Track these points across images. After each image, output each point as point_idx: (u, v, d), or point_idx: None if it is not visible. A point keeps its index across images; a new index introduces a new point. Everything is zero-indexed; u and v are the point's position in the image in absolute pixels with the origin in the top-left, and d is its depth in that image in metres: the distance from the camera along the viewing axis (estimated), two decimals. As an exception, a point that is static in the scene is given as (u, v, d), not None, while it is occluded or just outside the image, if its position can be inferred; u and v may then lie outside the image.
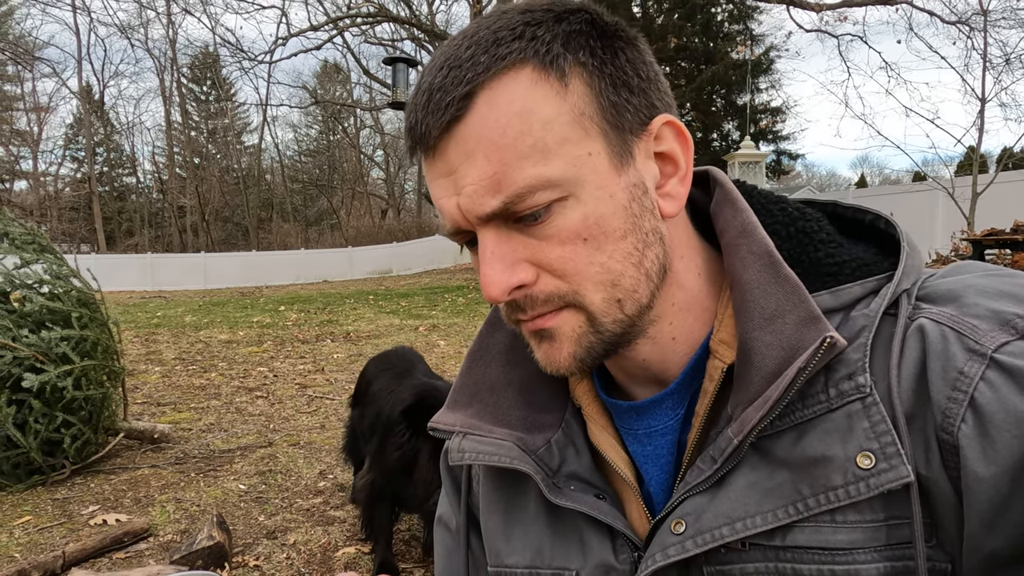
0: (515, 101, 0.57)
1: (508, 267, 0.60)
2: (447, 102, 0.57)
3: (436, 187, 0.62)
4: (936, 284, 0.63)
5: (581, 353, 0.64)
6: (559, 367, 0.65)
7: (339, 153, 51.15)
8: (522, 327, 0.66)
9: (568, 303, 0.62)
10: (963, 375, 0.55)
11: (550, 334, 0.64)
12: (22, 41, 38.78)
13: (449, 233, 0.64)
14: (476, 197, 0.59)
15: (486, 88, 0.57)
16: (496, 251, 0.60)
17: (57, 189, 46.42)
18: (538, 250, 0.60)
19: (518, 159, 0.57)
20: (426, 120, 0.59)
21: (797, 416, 0.60)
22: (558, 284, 0.61)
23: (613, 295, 0.62)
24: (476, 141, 0.57)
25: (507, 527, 0.77)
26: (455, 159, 0.59)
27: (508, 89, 0.57)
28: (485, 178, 0.58)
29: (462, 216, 0.61)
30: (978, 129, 12.66)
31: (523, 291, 0.62)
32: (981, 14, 13.47)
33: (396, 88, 14.81)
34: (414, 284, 21.87)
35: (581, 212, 0.59)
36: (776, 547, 0.60)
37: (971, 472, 0.54)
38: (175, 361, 8.73)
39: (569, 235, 0.59)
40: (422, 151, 0.61)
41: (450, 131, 0.58)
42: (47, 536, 3.50)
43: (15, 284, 4.43)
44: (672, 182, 0.65)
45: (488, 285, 0.60)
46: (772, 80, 25.66)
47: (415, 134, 0.61)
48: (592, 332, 0.63)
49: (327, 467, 4.52)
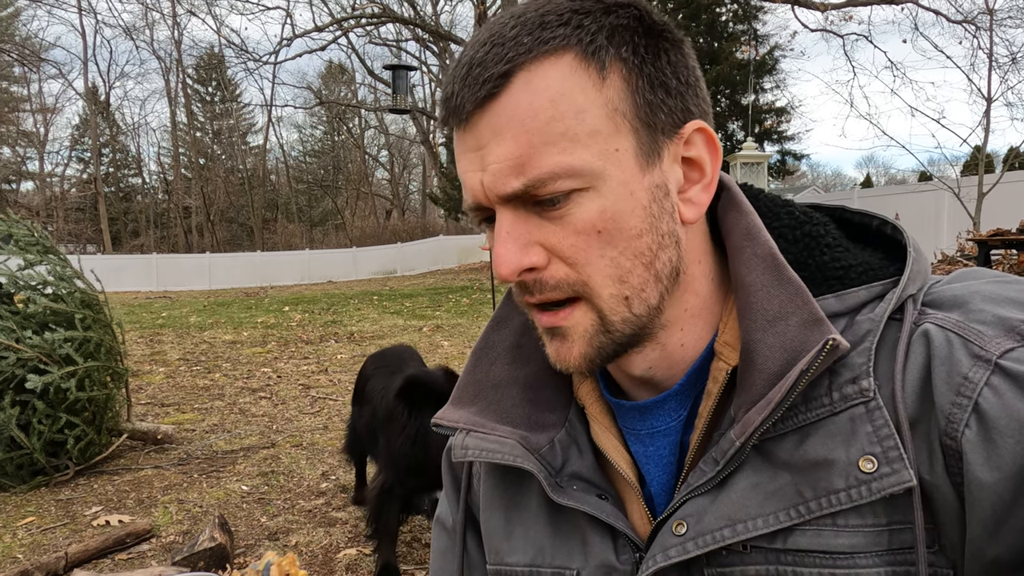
0: (551, 86, 0.58)
1: (521, 248, 0.61)
2: (485, 78, 0.58)
3: (464, 160, 0.63)
4: (942, 290, 0.63)
5: (592, 353, 0.64)
6: (568, 365, 0.65)
7: (344, 154, 51.28)
8: (535, 316, 0.66)
9: (577, 293, 0.62)
10: (968, 380, 0.55)
11: (562, 332, 0.64)
12: (28, 43, 38.99)
13: (469, 208, 0.64)
14: (499, 176, 0.59)
15: (525, 69, 0.58)
16: (511, 231, 0.61)
17: (63, 190, 46.63)
18: (552, 235, 0.61)
19: (545, 144, 0.57)
20: (462, 93, 0.59)
21: (800, 419, 0.60)
22: (568, 272, 0.61)
23: (621, 291, 0.62)
24: (507, 120, 0.58)
25: (508, 526, 0.77)
26: (485, 135, 0.59)
27: (546, 73, 0.58)
28: (510, 158, 0.58)
29: (484, 193, 0.61)
30: (984, 129, 12.63)
31: (533, 274, 0.62)
32: (987, 13, 13.44)
33: (397, 94, 14.84)
34: (418, 284, 21.91)
35: (600, 205, 0.59)
36: (777, 550, 0.60)
37: (974, 478, 0.53)
38: (179, 362, 8.75)
39: (584, 226, 0.60)
40: (455, 123, 0.62)
41: (484, 107, 0.59)
42: (50, 537, 3.51)
43: (19, 285, 4.44)
44: (695, 188, 0.65)
45: (500, 264, 0.61)
46: (777, 80, 25.65)
47: (450, 105, 0.61)
48: (603, 332, 0.63)
49: (329, 468, 4.52)
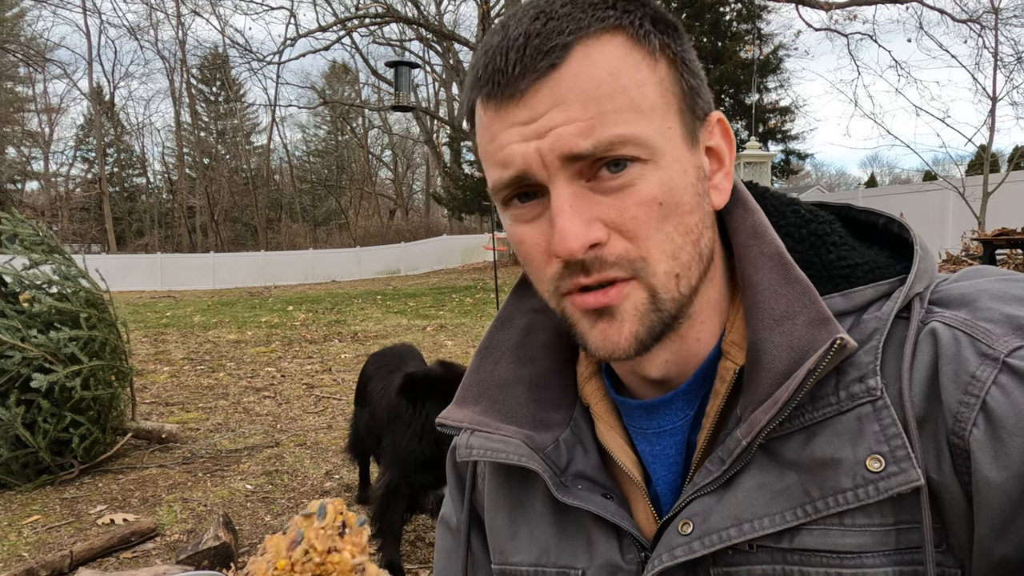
0: (611, 60, 0.58)
1: (586, 222, 0.59)
2: (548, 48, 0.57)
3: (509, 133, 0.60)
4: (949, 288, 0.62)
5: (643, 333, 0.62)
6: (617, 347, 0.63)
7: (347, 153, 51.34)
8: (571, 303, 0.64)
9: (635, 272, 0.61)
10: (975, 379, 0.54)
11: (611, 312, 0.62)
12: (33, 43, 39.09)
13: (507, 182, 0.62)
14: (567, 137, 0.58)
15: (583, 43, 0.58)
16: (575, 205, 0.59)
17: (68, 189, 46.80)
18: (612, 208, 0.59)
19: (614, 111, 0.58)
20: (520, 63, 0.58)
21: (807, 418, 0.60)
22: (628, 247, 0.60)
23: (673, 268, 0.61)
24: (569, 90, 0.58)
25: (513, 525, 0.77)
26: (542, 106, 0.58)
27: (604, 48, 0.59)
28: (578, 121, 0.57)
29: (539, 160, 0.59)
30: (989, 128, 12.61)
31: (595, 251, 0.60)
32: (992, 12, 13.40)
33: (399, 91, 14.84)
34: (422, 284, 21.92)
35: (659, 177, 0.59)
36: (784, 549, 0.59)
37: (982, 477, 0.53)
38: (183, 361, 8.77)
39: (646, 197, 0.59)
40: (502, 96, 0.60)
41: (544, 78, 0.58)
42: (55, 535, 3.52)
43: (24, 285, 4.45)
44: (719, 176, 0.67)
45: (568, 238, 0.58)
46: (781, 79, 25.57)
47: (499, 79, 0.59)
48: (654, 310, 0.62)
49: (333, 467, 4.53)
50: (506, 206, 0.64)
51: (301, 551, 0.47)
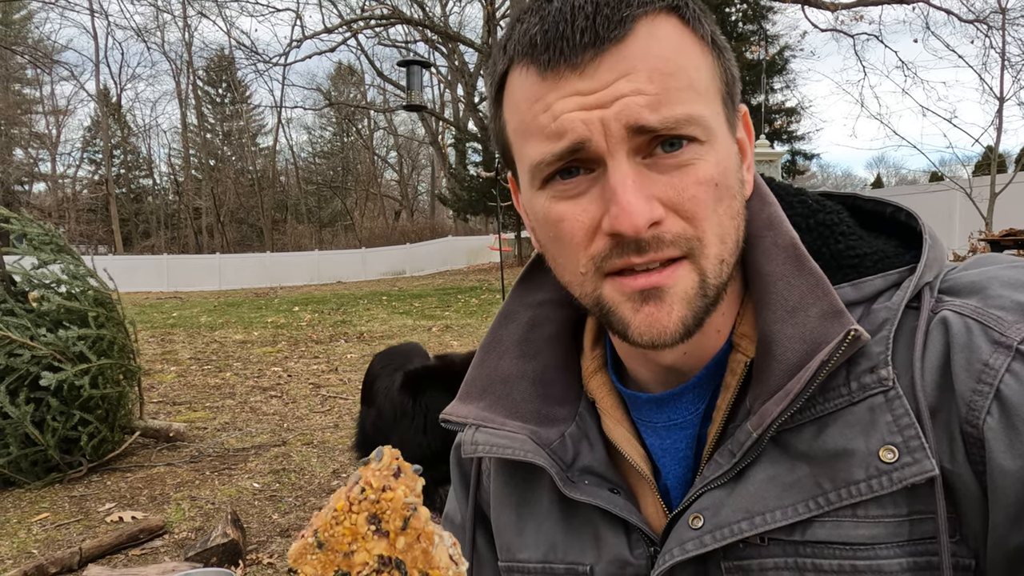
0: (672, 39, 0.59)
1: (647, 199, 0.58)
2: (619, 18, 0.57)
3: (566, 102, 0.58)
4: (959, 276, 0.62)
5: (690, 318, 0.61)
6: (664, 332, 0.60)
7: (353, 155, 51.37)
8: (616, 285, 0.61)
9: (690, 251, 0.60)
10: (988, 367, 0.54)
11: (660, 293, 0.60)
12: (41, 45, 39.24)
13: (560, 153, 0.59)
14: (636, 108, 0.56)
15: (647, 19, 0.58)
16: (637, 181, 0.58)
17: (75, 191, 46.98)
18: (671, 187, 0.58)
19: (679, 90, 0.58)
20: (589, 31, 0.57)
21: (818, 410, 0.59)
22: (685, 227, 0.59)
23: (721, 252, 0.61)
24: (639, 61, 0.57)
25: (520, 522, 0.76)
26: (609, 75, 0.57)
27: (665, 27, 0.59)
28: (648, 95, 0.57)
29: (601, 130, 0.57)
30: (996, 128, 12.55)
31: (653, 229, 0.58)
32: (999, 12, 13.34)
33: (411, 90, 14.83)
34: (427, 285, 21.92)
35: (715, 158, 0.60)
36: (796, 542, 0.59)
37: (997, 465, 0.53)
38: (190, 361, 8.79)
39: (705, 177, 0.59)
40: (564, 64, 0.58)
41: (612, 47, 0.57)
42: (64, 533, 3.54)
43: (33, 284, 4.48)
44: (743, 167, 0.67)
45: (632, 213, 0.56)
46: (787, 80, 25.52)
47: (562, 44, 0.57)
48: (702, 295, 0.61)
49: (340, 466, 4.53)
50: (545, 184, 0.62)
51: (358, 489, 0.49)
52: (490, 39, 24.78)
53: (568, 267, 0.64)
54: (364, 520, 0.48)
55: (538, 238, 0.68)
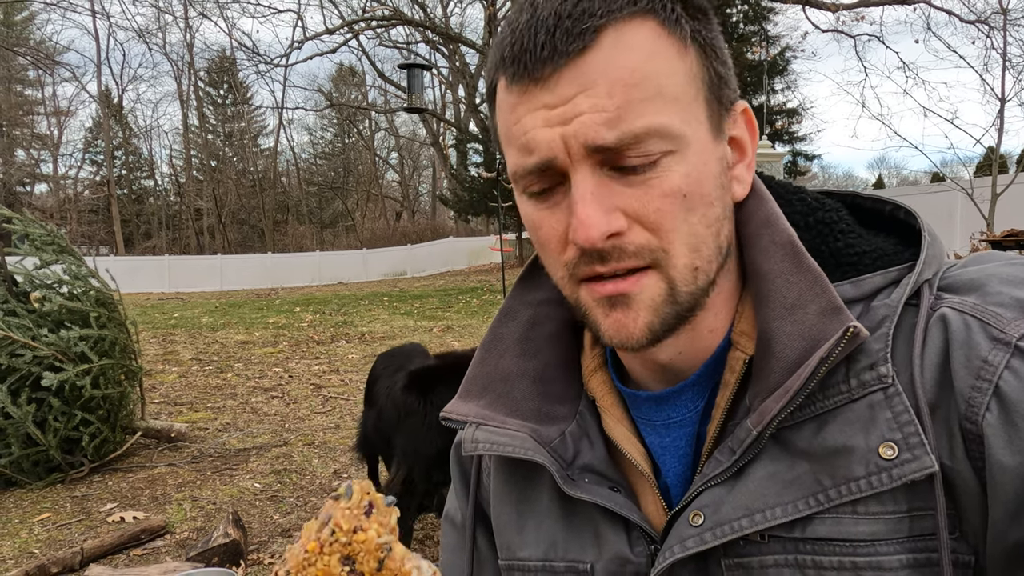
0: (642, 46, 0.57)
1: (606, 212, 0.58)
2: (579, 30, 0.56)
3: (532, 118, 0.59)
4: (958, 274, 0.62)
5: (656, 324, 0.61)
6: (630, 337, 0.62)
7: (354, 156, 51.39)
8: (587, 291, 0.63)
9: (654, 262, 0.60)
10: (987, 364, 0.54)
11: (626, 301, 0.61)
12: (42, 46, 39.29)
13: (531, 169, 0.60)
14: (592, 126, 0.56)
15: (614, 27, 0.57)
16: (596, 193, 0.58)
17: (76, 192, 47.02)
18: (635, 199, 0.58)
19: (641, 101, 0.56)
20: (549, 45, 0.57)
21: (818, 407, 0.59)
22: (649, 238, 0.59)
23: (693, 261, 0.61)
24: (600, 75, 0.56)
25: (520, 520, 0.76)
26: (569, 90, 0.57)
27: (635, 33, 0.57)
28: (605, 110, 0.56)
29: (563, 148, 0.58)
30: (997, 129, 12.53)
31: (614, 240, 0.59)
32: (1001, 13, 13.34)
33: (412, 93, 14.86)
34: (428, 286, 21.93)
35: (685, 169, 0.59)
36: (796, 539, 0.59)
37: (996, 461, 0.53)
38: (192, 361, 8.80)
39: (672, 189, 0.58)
40: (528, 78, 0.58)
41: (572, 61, 0.57)
42: (66, 533, 3.54)
43: (35, 284, 4.48)
44: (740, 167, 0.66)
45: (588, 226, 0.57)
46: (788, 81, 25.53)
47: (525, 60, 0.58)
48: (670, 302, 0.61)
49: (341, 466, 4.54)
50: (526, 191, 0.64)
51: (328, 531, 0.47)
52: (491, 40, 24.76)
53: (551, 270, 0.67)
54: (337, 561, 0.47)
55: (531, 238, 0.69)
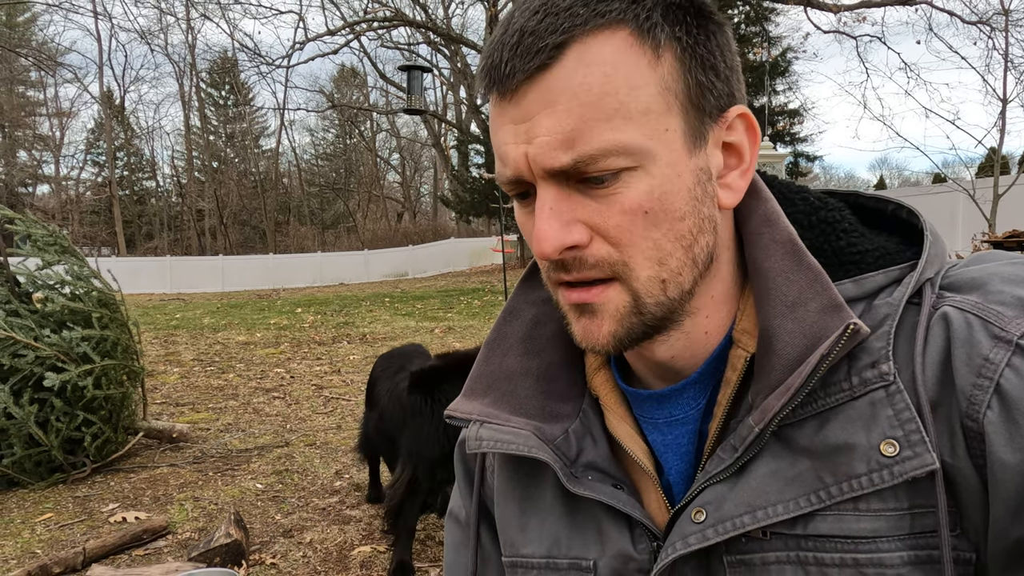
0: (606, 61, 0.56)
1: (564, 225, 0.59)
2: (538, 48, 0.56)
3: (504, 132, 0.60)
4: (960, 273, 0.62)
5: (621, 333, 0.63)
6: (595, 343, 0.64)
7: (356, 157, 51.43)
8: (562, 295, 0.65)
9: (616, 274, 0.61)
10: (988, 362, 0.55)
11: (592, 308, 0.63)
12: (45, 47, 39.34)
13: (507, 180, 0.63)
14: (548, 150, 0.57)
15: (579, 42, 0.56)
16: (555, 207, 0.59)
17: (78, 193, 47.10)
18: (597, 214, 0.59)
19: (598, 120, 0.56)
20: (512, 62, 0.57)
21: (819, 404, 0.60)
22: (610, 251, 0.60)
23: (659, 274, 0.61)
24: (559, 93, 0.56)
25: (523, 517, 0.77)
26: (533, 107, 0.57)
27: (601, 47, 0.56)
28: (561, 132, 0.56)
29: (527, 166, 0.59)
30: (999, 130, 12.53)
31: (574, 252, 0.60)
32: (1003, 14, 13.34)
33: (411, 94, 14.90)
34: (430, 287, 21.94)
35: (648, 185, 0.58)
36: (798, 536, 0.59)
37: (997, 459, 0.53)
38: (193, 362, 8.81)
39: (632, 205, 0.58)
40: (498, 93, 0.60)
41: (534, 78, 0.57)
42: (68, 533, 3.55)
43: (37, 285, 4.49)
44: (734, 174, 0.65)
45: (542, 240, 0.59)
46: (789, 82, 25.53)
47: (495, 75, 0.59)
48: (635, 313, 0.62)
49: (343, 467, 4.54)
50: (514, 199, 0.66)
51: None
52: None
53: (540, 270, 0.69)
54: None
55: None
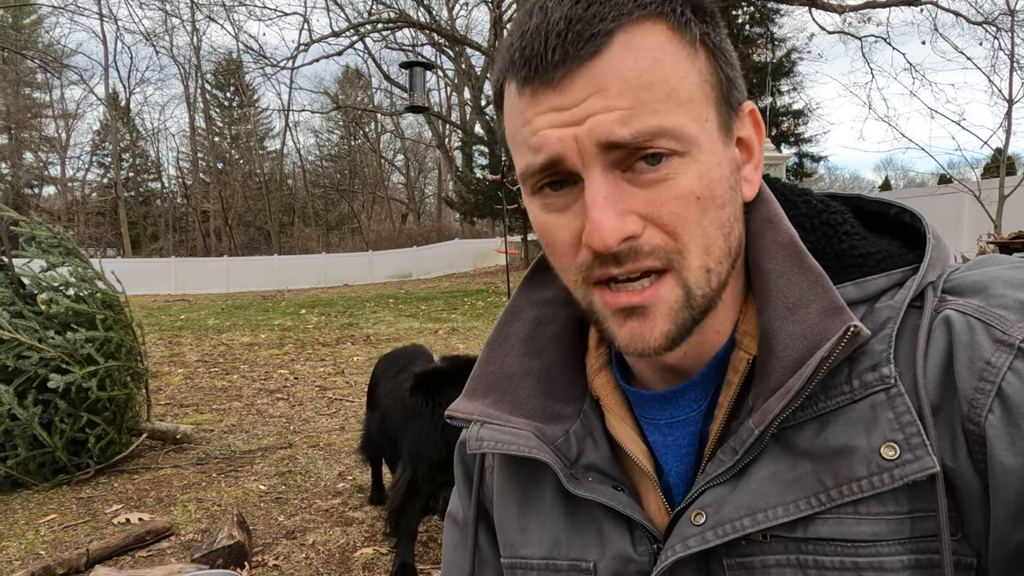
0: (653, 49, 0.57)
1: (621, 215, 0.58)
2: (591, 34, 0.56)
3: (542, 119, 0.59)
4: (962, 276, 0.62)
5: (674, 331, 0.62)
6: (647, 346, 0.62)
7: (360, 158, 51.52)
8: (601, 298, 0.63)
9: (670, 263, 0.60)
10: (990, 365, 0.54)
11: (642, 311, 0.61)
12: (51, 49, 39.53)
13: (539, 167, 0.60)
14: (606, 124, 0.56)
15: (625, 30, 0.57)
16: (610, 197, 0.58)
17: (84, 194, 47.26)
18: (649, 202, 0.59)
19: (654, 101, 0.57)
20: (561, 49, 0.57)
21: (820, 407, 0.59)
22: (664, 239, 0.59)
23: (706, 263, 0.61)
24: (611, 78, 0.56)
25: (523, 518, 0.77)
26: (581, 92, 0.57)
27: (646, 36, 0.58)
28: (619, 109, 0.56)
29: (575, 147, 0.58)
30: (1005, 131, 12.47)
31: (629, 243, 0.59)
32: (1008, 14, 13.29)
33: (414, 92, 14.91)
34: (434, 288, 21.95)
35: (697, 171, 0.59)
36: (798, 539, 0.59)
37: (998, 463, 0.53)
38: (198, 363, 8.82)
39: (684, 191, 0.58)
40: (539, 81, 0.58)
41: (584, 64, 0.57)
42: (72, 534, 3.55)
43: (42, 287, 4.50)
44: (748, 168, 0.66)
45: (602, 228, 0.57)
46: (794, 83, 25.50)
47: (537, 63, 0.58)
48: (687, 307, 0.61)
49: (346, 468, 4.54)
50: (535, 193, 0.63)
51: None
52: (496, 42, 24.81)
53: (562, 274, 0.66)
54: None
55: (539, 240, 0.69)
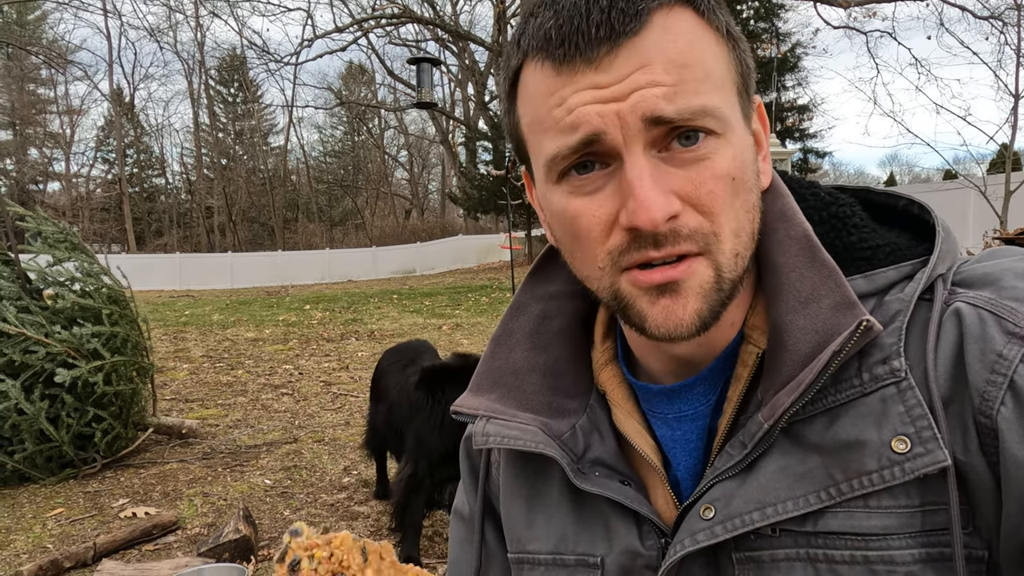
0: (687, 31, 0.59)
1: (665, 194, 0.57)
2: (635, 11, 0.57)
3: (581, 95, 0.58)
4: (972, 268, 0.62)
5: (705, 312, 0.61)
6: (680, 325, 0.60)
7: (364, 154, 51.51)
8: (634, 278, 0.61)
9: (706, 246, 0.59)
10: (1002, 357, 0.54)
11: (675, 287, 0.60)
12: (55, 45, 39.56)
13: (575, 146, 0.59)
14: (652, 99, 0.56)
15: (662, 12, 0.58)
16: (654, 175, 0.58)
17: (88, 190, 47.36)
18: (688, 182, 0.58)
19: (695, 81, 0.58)
20: (605, 25, 0.57)
21: (829, 400, 0.59)
22: (702, 221, 0.59)
23: (735, 247, 0.61)
24: (654, 55, 0.57)
25: (530, 513, 0.77)
26: (625, 68, 0.57)
27: (680, 20, 0.59)
28: (664, 86, 0.57)
29: (617, 123, 0.57)
30: (1011, 126, 12.40)
31: (670, 223, 0.58)
32: (1015, 8, 13.21)
33: (421, 88, 14.88)
34: (438, 283, 21.96)
35: (731, 152, 0.59)
36: (808, 533, 0.59)
37: (1010, 455, 0.52)
38: (203, 359, 8.85)
39: (722, 171, 0.59)
40: (579, 58, 0.58)
41: (626, 41, 0.57)
42: (79, 528, 3.57)
43: (48, 282, 4.52)
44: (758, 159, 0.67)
45: (651, 208, 0.56)
46: (799, 78, 25.41)
47: (578, 39, 0.58)
48: (717, 289, 0.61)
49: (351, 463, 4.55)
50: (561, 179, 0.62)
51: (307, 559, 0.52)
52: (500, 37, 24.78)
53: (586, 262, 0.64)
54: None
55: (554, 233, 0.68)
